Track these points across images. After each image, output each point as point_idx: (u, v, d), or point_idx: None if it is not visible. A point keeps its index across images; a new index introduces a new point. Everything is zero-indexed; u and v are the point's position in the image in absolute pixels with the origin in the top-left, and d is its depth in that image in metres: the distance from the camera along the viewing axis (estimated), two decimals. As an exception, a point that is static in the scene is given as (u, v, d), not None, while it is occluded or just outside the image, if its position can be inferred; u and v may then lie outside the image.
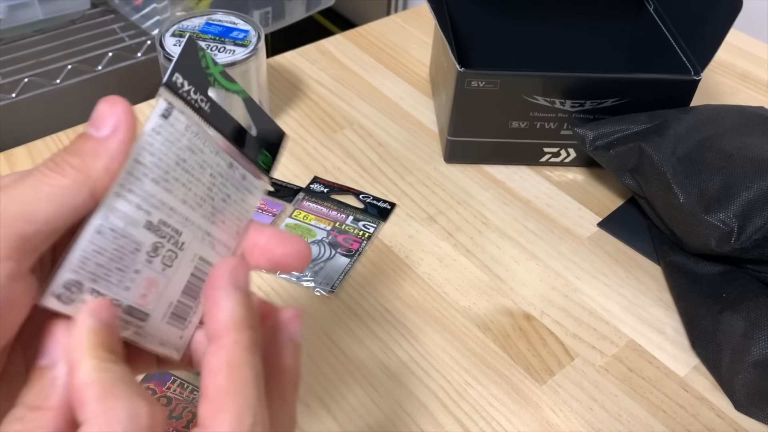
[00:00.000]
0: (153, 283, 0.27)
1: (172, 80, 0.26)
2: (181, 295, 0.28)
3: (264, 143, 0.30)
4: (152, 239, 0.26)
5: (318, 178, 0.57)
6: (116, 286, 0.25)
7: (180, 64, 0.26)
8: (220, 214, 0.28)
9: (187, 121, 0.26)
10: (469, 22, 0.62)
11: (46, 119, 0.89)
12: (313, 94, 0.66)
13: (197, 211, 0.27)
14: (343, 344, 0.46)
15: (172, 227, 0.27)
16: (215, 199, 0.28)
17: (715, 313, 0.46)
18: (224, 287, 0.25)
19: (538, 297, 0.49)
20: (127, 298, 0.26)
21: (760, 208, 0.46)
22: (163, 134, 0.25)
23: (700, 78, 0.54)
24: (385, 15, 1.38)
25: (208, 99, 0.27)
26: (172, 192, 0.26)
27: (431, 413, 0.42)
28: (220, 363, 0.24)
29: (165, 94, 0.25)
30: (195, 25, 0.58)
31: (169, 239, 0.26)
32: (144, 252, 0.26)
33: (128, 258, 0.25)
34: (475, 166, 0.60)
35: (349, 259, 0.51)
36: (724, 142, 0.50)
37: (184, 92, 0.26)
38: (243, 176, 0.29)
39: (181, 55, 0.26)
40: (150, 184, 0.25)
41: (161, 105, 0.25)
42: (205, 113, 0.27)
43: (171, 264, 0.27)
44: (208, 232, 0.28)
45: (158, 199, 0.26)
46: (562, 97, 0.55)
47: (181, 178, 0.26)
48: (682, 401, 0.44)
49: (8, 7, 0.91)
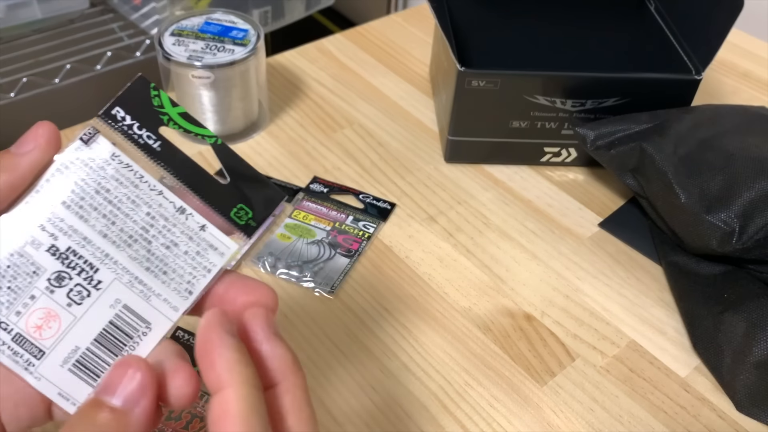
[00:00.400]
0: (53, 317, 0.25)
1: (110, 112, 0.25)
2: (93, 342, 0.25)
3: (243, 197, 0.26)
4: (56, 266, 0.24)
5: (318, 177, 0.57)
6: (5, 306, 0.24)
7: (123, 99, 0.25)
8: (161, 262, 0.25)
9: (113, 150, 0.25)
10: (470, 21, 0.62)
11: (44, 119, 0.89)
12: (312, 94, 0.66)
13: (124, 251, 0.25)
14: (342, 344, 0.45)
15: (85, 260, 0.25)
16: (153, 243, 0.25)
17: (716, 314, 0.46)
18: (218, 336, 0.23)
19: (538, 297, 0.49)
20: (18, 324, 0.24)
21: (761, 208, 0.46)
22: (81, 159, 0.24)
23: (701, 77, 0.54)
24: (385, 14, 1.37)
25: (159, 137, 0.25)
26: (88, 221, 0.24)
27: (431, 413, 0.42)
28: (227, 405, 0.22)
29: (95, 122, 0.25)
30: (194, 24, 0.58)
31: (79, 272, 0.25)
32: (44, 278, 0.24)
33: (23, 279, 0.24)
34: (475, 165, 0.60)
35: (349, 259, 0.50)
36: (726, 141, 0.50)
37: (124, 125, 0.25)
38: (202, 226, 0.26)
39: (125, 90, 0.25)
40: (60, 207, 0.24)
41: (85, 130, 0.25)
42: (152, 150, 0.25)
43: (80, 302, 0.25)
44: (138, 278, 0.25)
45: (69, 225, 0.24)
46: (563, 97, 0.55)
47: (103, 208, 0.25)
48: (684, 402, 0.43)
49: (7, 7, 0.91)
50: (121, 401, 0.23)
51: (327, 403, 0.42)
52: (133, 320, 0.25)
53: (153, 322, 0.25)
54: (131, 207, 0.25)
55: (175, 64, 0.55)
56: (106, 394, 0.23)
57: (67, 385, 0.25)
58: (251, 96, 0.59)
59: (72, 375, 0.25)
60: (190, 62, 0.55)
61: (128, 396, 0.23)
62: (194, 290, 0.26)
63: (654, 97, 0.55)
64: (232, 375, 0.23)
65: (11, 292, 0.24)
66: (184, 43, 0.56)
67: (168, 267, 0.25)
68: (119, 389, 0.23)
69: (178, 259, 0.25)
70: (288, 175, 0.57)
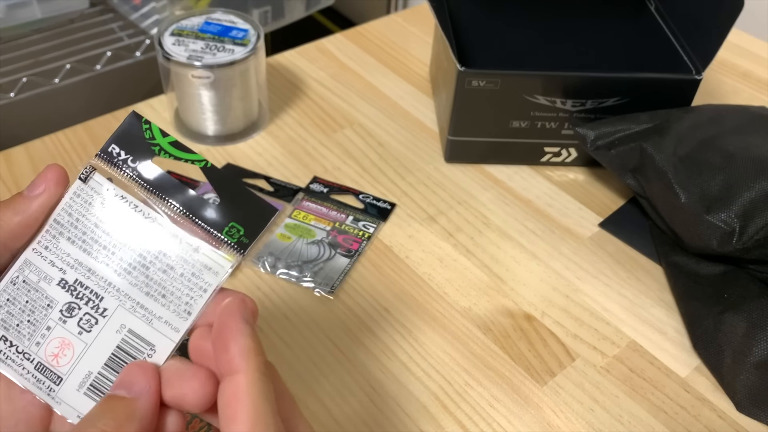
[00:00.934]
0: (67, 345, 0.27)
1: (107, 150, 0.27)
2: (103, 367, 0.27)
3: (234, 216, 0.27)
4: (67, 298, 0.27)
5: (318, 177, 0.57)
6: (27, 338, 0.27)
7: (118, 136, 0.27)
8: (159, 286, 0.27)
9: (108, 185, 0.27)
10: (470, 21, 0.62)
11: (44, 119, 0.89)
12: (312, 94, 0.66)
13: (125, 278, 0.27)
14: (342, 345, 0.45)
15: (91, 290, 0.27)
16: (150, 269, 0.26)
17: (716, 314, 0.46)
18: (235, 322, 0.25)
19: (538, 297, 0.49)
20: (38, 354, 0.27)
21: (761, 208, 0.46)
22: (81, 196, 0.27)
23: (701, 77, 0.54)
24: (385, 14, 1.37)
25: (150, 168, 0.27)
26: (90, 254, 0.26)
27: (431, 414, 0.42)
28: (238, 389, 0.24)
29: (94, 161, 0.27)
30: (194, 24, 0.58)
31: (87, 302, 0.27)
32: (57, 310, 0.27)
33: (40, 312, 0.26)
34: (475, 165, 0.60)
35: (349, 259, 0.50)
36: (726, 141, 0.50)
37: (119, 161, 0.27)
38: (195, 248, 0.27)
39: (120, 128, 0.27)
40: (65, 243, 0.26)
41: (83, 169, 0.27)
42: (145, 180, 0.27)
43: (89, 329, 0.27)
44: (140, 303, 0.27)
45: (74, 259, 0.26)
46: (563, 97, 0.55)
47: (102, 240, 0.26)
48: (684, 402, 0.43)
49: (7, 7, 0.91)
50: (130, 393, 0.25)
51: (327, 403, 0.42)
52: (138, 343, 0.27)
53: (156, 344, 0.27)
54: (128, 237, 0.27)
55: (175, 64, 0.55)
56: (117, 389, 0.26)
57: (84, 408, 0.27)
58: (251, 96, 0.59)
59: (87, 398, 0.27)
60: (190, 62, 0.55)
61: (136, 388, 0.25)
62: (192, 311, 0.27)
63: (654, 97, 0.55)
64: (245, 361, 0.24)
65: (30, 324, 0.27)
66: (184, 43, 0.56)
67: (166, 290, 0.27)
68: (126, 383, 0.26)
69: (175, 281, 0.27)
70: (288, 175, 0.57)
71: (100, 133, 0.60)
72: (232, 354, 0.24)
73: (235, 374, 0.24)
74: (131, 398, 0.25)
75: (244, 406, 0.23)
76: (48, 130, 0.60)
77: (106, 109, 0.63)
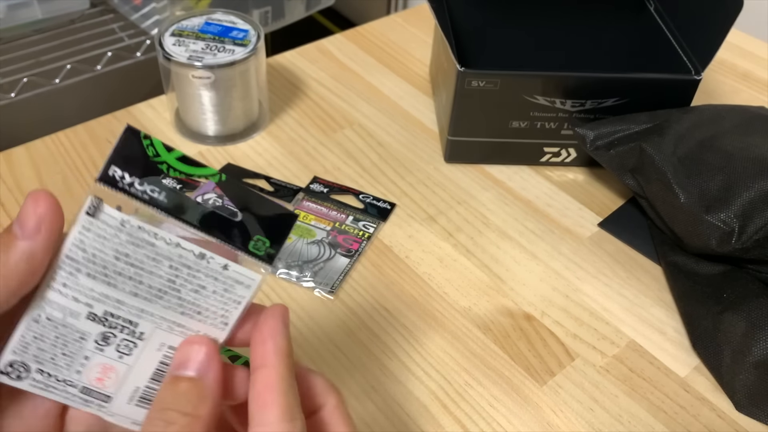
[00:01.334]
0: (109, 369, 0.27)
1: (108, 174, 0.24)
2: (150, 380, 0.27)
3: (258, 228, 0.26)
4: (99, 329, 0.26)
5: (318, 178, 0.57)
6: (65, 369, 0.26)
7: (117, 157, 0.24)
8: (193, 305, 0.26)
9: (121, 217, 0.25)
10: (469, 21, 0.62)
11: (45, 119, 0.89)
12: (312, 94, 0.66)
13: (156, 303, 0.26)
14: (342, 344, 0.45)
15: (123, 318, 0.26)
16: (182, 291, 0.26)
17: (715, 314, 0.46)
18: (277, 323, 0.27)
19: (538, 297, 0.49)
20: (81, 380, 0.27)
21: (761, 208, 0.46)
22: (93, 231, 0.25)
23: (700, 78, 0.54)
24: (385, 14, 1.37)
25: (162, 188, 0.25)
26: (116, 286, 0.25)
27: (431, 413, 0.42)
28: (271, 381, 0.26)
29: (96, 189, 0.24)
30: (194, 25, 0.58)
31: (121, 329, 0.26)
32: (91, 341, 0.26)
33: (74, 345, 0.26)
34: (475, 166, 0.60)
35: (349, 259, 0.51)
36: (725, 141, 0.50)
37: (125, 185, 0.24)
38: (224, 266, 0.26)
39: (117, 147, 0.24)
40: (85, 279, 0.25)
41: (87, 202, 0.24)
42: (160, 203, 0.25)
43: (129, 353, 0.27)
44: (176, 322, 0.27)
45: (99, 293, 0.25)
46: (563, 97, 0.55)
47: (126, 272, 0.25)
48: (683, 402, 0.44)
49: (7, 7, 0.91)
50: (194, 371, 0.26)
51: (327, 403, 0.42)
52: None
53: None
54: (154, 264, 0.25)
55: (175, 64, 0.55)
56: (180, 369, 0.26)
57: (138, 415, 0.28)
58: (251, 96, 0.60)
59: (139, 407, 0.28)
60: (190, 62, 0.55)
61: (199, 366, 0.26)
62: (229, 321, 0.27)
63: (654, 97, 0.55)
64: (278, 358, 0.26)
65: (66, 356, 0.26)
66: (185, 44, 0.56)
67: (201, 307, 0.26)
68: (190, 363, 0.26)
69: (208, 299, 0.26)
70: (288, 175, 0.57)
71: (101, 133, 0.60)
72: (268, 349, 0.26)
73: (268, 368, 0.26)
74: (197, 377, 0.26)
75: (276, 396, 0.25)
76: (49, 131, 0.60)
77: (107, 110, 0.63)
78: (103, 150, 0.58)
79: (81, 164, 0.57)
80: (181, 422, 0.25)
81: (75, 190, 0.55)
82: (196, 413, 0.25)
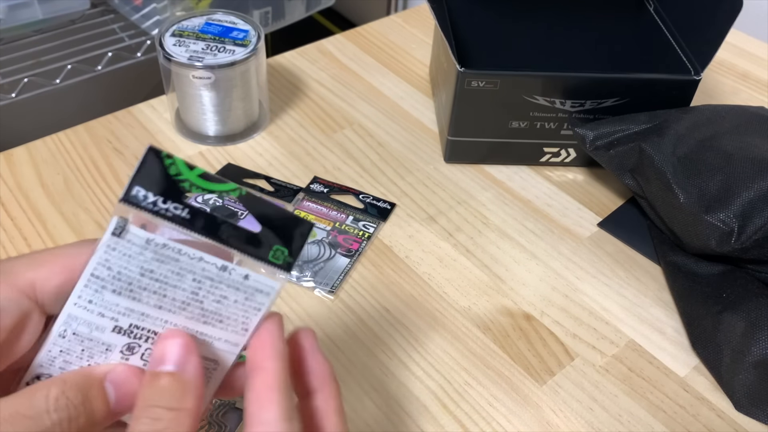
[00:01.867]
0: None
1: (132, 194, 0.25)
2: None
3: (276, 239, 0.27)
4: (124, 341, 0.27)
5: (318, 178, 0.57)
6: None
7: (140, 177, 0.25)
8: (215, 314, 0.27)
9: (147, 236, 0.26)
10: (469, 22, 0.62)
11: (45, 119, 0.89)
12: (313, 94, 0.66)
13: (180, 314, 0.27)
14: (343, 344, 0.45)
15: (148, 329, 0.27)
16: (205, 302, 0.27)
17: (715, 313, 0.46)
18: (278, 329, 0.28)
19: (538, 297, 0.49)
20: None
21: (760, 208, 0.46)
22: (119, 250, 0.26)
23: (700, 78, 0.54)
24: (385, 15, 1.38)
25: (186, 206, 0.26)
26: (141, 300, 0.26)
27: (431, 413, 0.42)
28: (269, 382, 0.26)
29: (120, 208, 0.25)
30: (195, 25, 0.58)
31: (146, 339, 0.27)
32: (117, 351, 0.27)
33: (100, 357, 0.27)
34: (475, 166, 0.60)
35: (349, 259, 0.51)
36: (725, 142, 0.50)
37: (149, 204, 0.25)
38: (245, 276, 0.27)
39: (139, 167, 0.25)
40: (111, 295, 0.26)
41: (113, 222, 0.25)
42: (183, 220, 0.26)
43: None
44: (199, 331, 0.27)
45: (125, 308, 0.26)
46: (563, 97, 0.55)
47: (151, 287, 0.26)
48: (683, 401, 0.44)
49: (8, 7, 0.91)
50: (173, 365, 0.26)
51: (327, 403, 0.42)
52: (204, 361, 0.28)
53: (219, 360, 0.28)
54: (177, 278, 0.26)
55: (175, 64, 0.56)
56: (159, 365, 0.26)
57: None
58: (252, 96, 0.60)
59: None
60: (190, 63, 0.55)
61: (178, 359, 0.26)
62: (249, 327, 0.28)
63: (653, 98, 0.55)
64: (276, 361, 0.27)
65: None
66: (185, 44, 0.56)
67: (222, 316, 0.27)
68: (168, 357, 0.26)
69: (229, 308, 0.27)
70: (288, 175, 0.57)
71: (102, 133, 0.60)
72: (267, 352, 0.27)
73: (267, 369, 0.26)
74: (177, 371, 0.26)
75: (276, 396, 0.26)
76: (49, 131, 0.60)
77: (107, 110, 0.63)
78: (103, 150, 0.59)
79: (81, 164, 0.57)
80: (168, 417, 0.25)
81: (75, 190, 0.55)
82: (182, 407, 0.25)
